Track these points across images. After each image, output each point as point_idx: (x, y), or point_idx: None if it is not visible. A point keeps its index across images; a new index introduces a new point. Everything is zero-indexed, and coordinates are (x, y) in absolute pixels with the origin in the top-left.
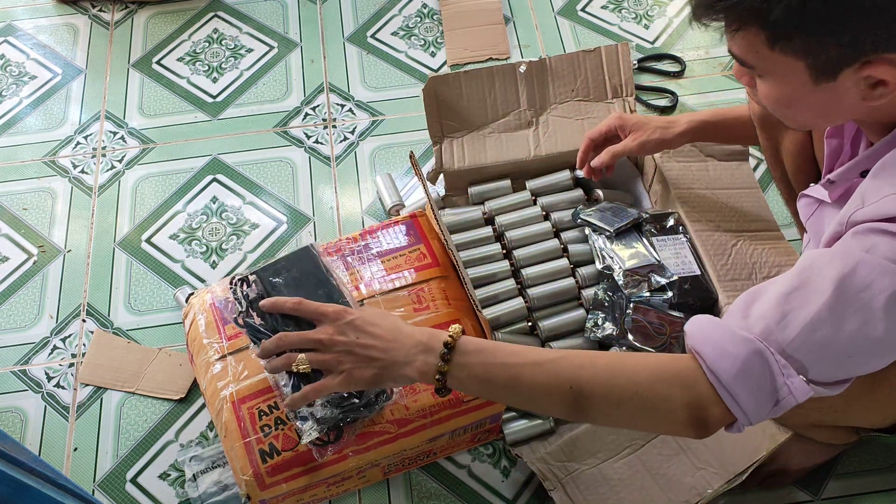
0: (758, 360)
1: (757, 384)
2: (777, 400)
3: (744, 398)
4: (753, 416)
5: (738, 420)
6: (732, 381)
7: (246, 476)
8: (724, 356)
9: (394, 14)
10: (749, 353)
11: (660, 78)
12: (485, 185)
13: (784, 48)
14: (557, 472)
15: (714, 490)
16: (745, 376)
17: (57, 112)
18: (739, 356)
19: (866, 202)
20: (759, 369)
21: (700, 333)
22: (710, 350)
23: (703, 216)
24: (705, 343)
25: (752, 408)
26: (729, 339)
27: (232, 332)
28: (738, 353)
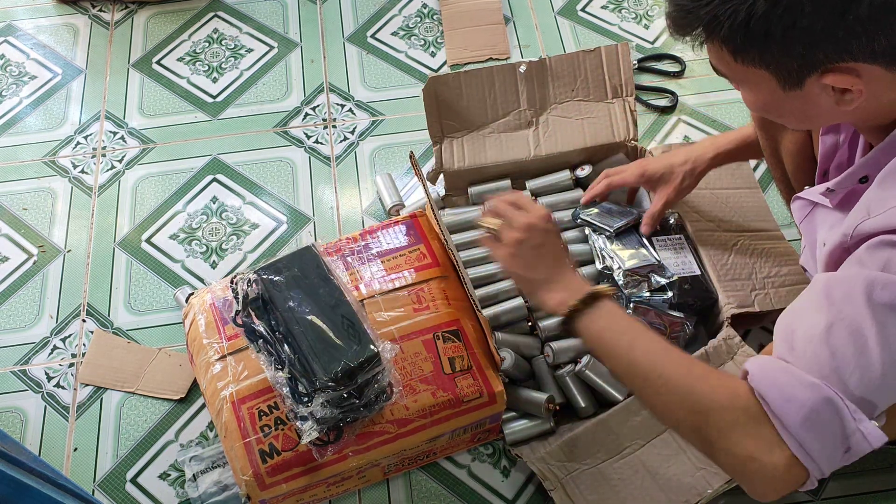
0: (827, 407)
1: (828, 433)
2: (848, 447)
3: (814, 447)
4: (824, 463)
5: (809, 469)
6: (799, 427)
7: (246, 476)
8: (789, 401)
9: (394, 14)
10: (818, 400)
11: (660, 78)
12: (485, 185)
13: (745, 61)
14: (557, 472)
15: (714, 490)
16: (813, 424)
17: (57, 112)
18: (806, 402)
19: (872, 213)
20: (830, 416)
21: (764, 372)
22: (774, 393)
23: (703, 216)
24: (770, 386)
25: (822, 455)
26: (795, 383)
27: (232, 332)
28: (804, 398)
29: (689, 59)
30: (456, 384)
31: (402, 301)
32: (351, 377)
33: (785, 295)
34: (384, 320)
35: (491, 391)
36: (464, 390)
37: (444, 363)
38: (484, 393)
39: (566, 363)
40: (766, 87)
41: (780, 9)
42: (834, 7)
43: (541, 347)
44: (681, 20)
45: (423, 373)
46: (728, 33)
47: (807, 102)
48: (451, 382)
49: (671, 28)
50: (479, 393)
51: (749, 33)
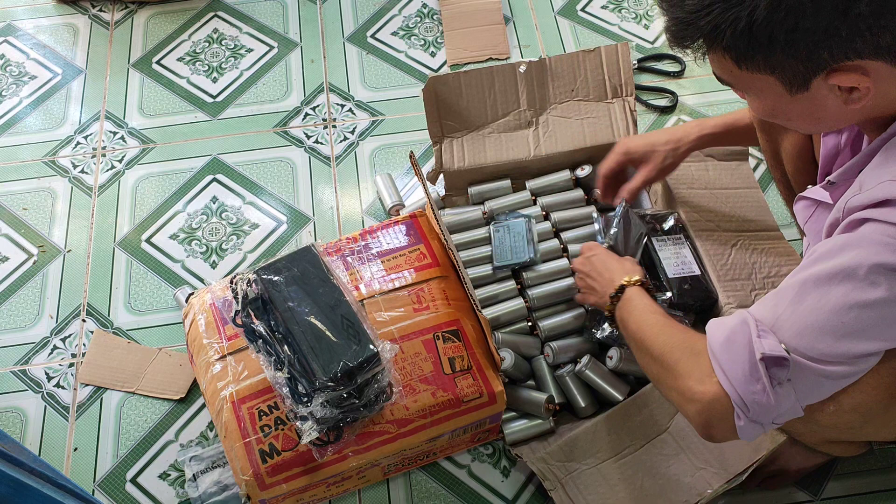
0: (742, 327)
1: (738, 349)
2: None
3: (728, 364)
4: (740, 384)
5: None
6: (719, 347)
7: (246, 476)
8: (719, 326)
9: (394, 14)
10: (737, 322)
11: (660, 78)
12: (485, 185)
13: (749, 67)
14: (557, 472)
15: (714, 490)
16: (730, 343)
17: (57, 112)
18: (728, 325)
19: (864, 188)
20: (742, 335)
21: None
22: (712, 324)
23: (702, 216)
24: (713, 321)
25: (736, 373)
26: (731, 315)
27: (232, 332)
28: (729, 322)
29: (689, 59)
30: (456, 384)
31: (402, 301)
32: (350, 377)
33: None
34: (384, 320)
35: (491, 391)
36: (464, 390)
37: (444, 363)
38: (484, 393)
39: (566, 363)
40: (773, 93)
41: (781, 12)
42: (836, 6)
43: (541, 347)
44: (681, 32)
45: (423, 373)
46: (730, 41)
47: (814, 104)
48: (451, 382)
49: (671, 41)
50: (479, 393)
51: (752, 39)
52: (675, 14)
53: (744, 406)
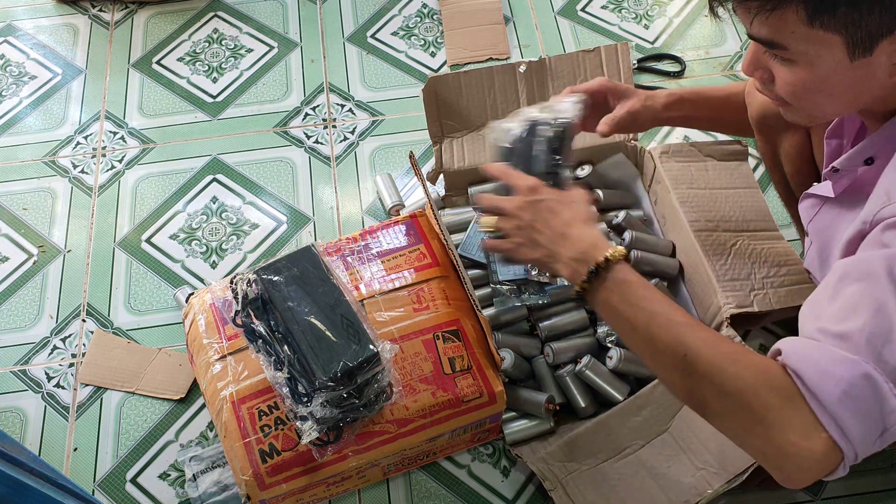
0: (865, 382)
1: (866, 409)
2: (885, 427)
3: (850, 424)
4: (860, 444)
5: (844, 452)
6: (836, 404)
7: (246, 476)
8: (826, 376)
9: (394, 14)
10: (856, 376)
11: (660, 78)
12: (485, 185)
13: (825, 23)
14: (557, 472)
15: (714, 490)
16: (851, 400)
17: (57, 112)
18: (844, 377)
19: (893, 198)
20: (868, 392)
21: (797, 350)
22: (810, 369)
23: (702, 216)
24: (806, 362)
25: (859, 434)
26: (831, 359)
27: (232, 333)
28: (841, 373)
29: (689, 59)
30: (456, 384)
31: (402, 301)
32: (350, 377)
33: (784, 295)
34: (384, 320)
35: (491, 391)
36: (464, 390)
37: (444, 363)
38: (484, 393)
39: (566, 363)
40: (832, 58)
41: None
42: None
43: (541, 347)
44: None
45: (423, 373)
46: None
47: (867, 74)
48: (451, 382)
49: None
50: (479, 393)
51: None
52: None
53: (854, 460)
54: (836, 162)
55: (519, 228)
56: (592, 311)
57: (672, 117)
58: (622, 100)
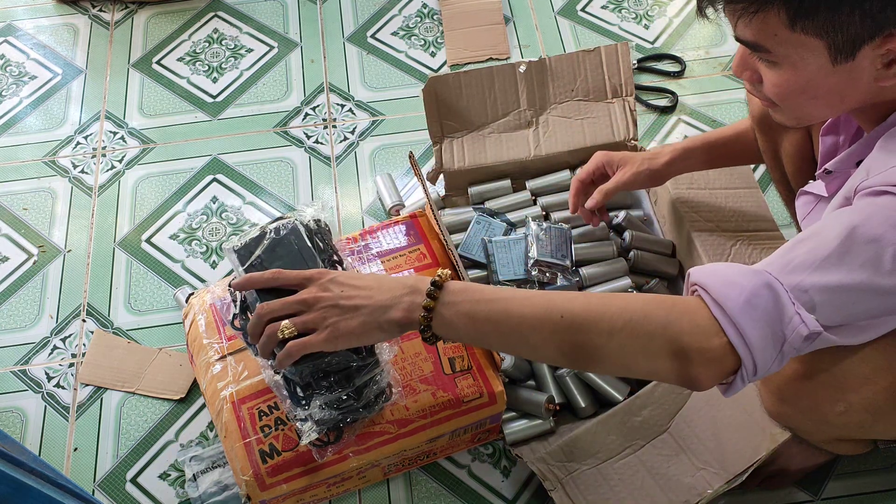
0: (767, 291)
1: (764, 316)
2: (784, 338)
3: (750, 330)
4: (759, 355)
5: (743, 360)
6: (739, 311)
7: (246, 476)
8: (731, 285)
9: (394, 14)
10: (759, 284)
11: (660, 78)
12: (485, 185)
13: (806, 27)
14: (557, 472)
15: (714, 490)
16: (752, 307)
17: (57, 112)
18: (747, 286)
19: (871, 173)
20: (768, 300)
21: (704, 269)
22: (716, 281)
23: (702, 216)
24: (710, 275)
25: (759, 344)
26: (737, 271)
27: (232, 333)
28: (746, 283)
29: (689, 59)
30: (456, 384)
31: None
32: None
33: None
34: None
35: (491, 391)
36: (464, 390)
37: (444, 363)
38: (484, 393)
39: None
40: (814, 61)
41: None
42: None
43: None
44: None
45: (423, 373)
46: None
47: (850, 77)
48: (451, 382)
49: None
50: (479, 393)
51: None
52: None
53: (753, 371)
54: (829, 164)
55: (331, 308)
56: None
57: (678, 171)
58: (622, 167)
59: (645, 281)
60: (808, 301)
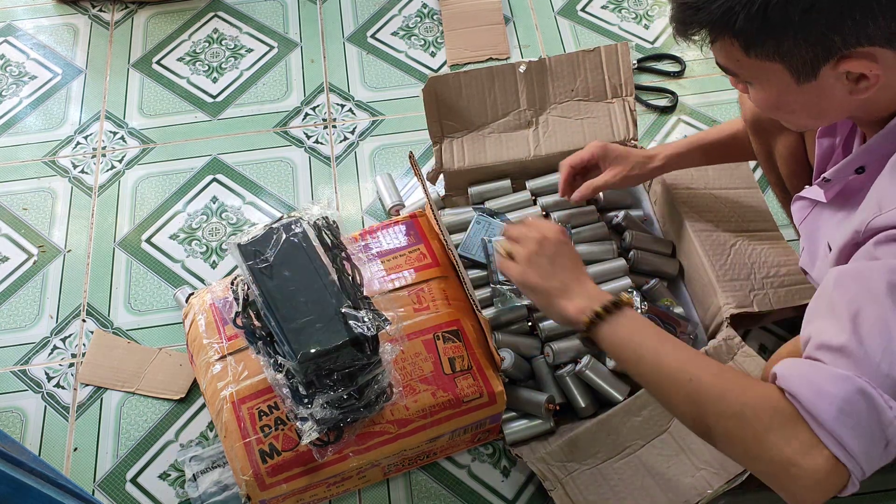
0: (859, 398)
1: (863, 425)
2: (887, 440)
3: (850, 441)
4: (863, 458)
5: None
6: (833, 421)
7: (246, 476)
8: (820, 395)
9: (394, 14)
10: (850, 392)
11: (660, 78)
12: (485, 185)
13: (759, 54)
14: (557, 472)
15: (714, 490)
16: (847, 416)
17: (57, 112)
18: (837, 395)
19: (884, 208)
20: (862, 407)
21: (792, 372)
22: (804, 388)
23: (702, 216)
24: (800, 383)
25: (859, 449)
26: (825, 377)
27: (232, 333)
28: (835, 391)
29: (689, 59)
30: (456, 384)
31: (403, 301)
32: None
33: (784, 295)
34: None
35: (491, 391)
36: (464, 390)
37: (445, 363)
38: (484, 393)
39: (566, 363)
40: (779, 82)
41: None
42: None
43: (541, 347)
44: (689, 18)
45: (423, 373)
46: (743, 24)
47: (821, 94)
48: (451, 382)
49: (678, 27)
50: (479, 393)
51: (766, 22)
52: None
53: (863, 475)
54: (828, 172)
55: (534, 255)
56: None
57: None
58: (614, 166)
59: (645, 281)
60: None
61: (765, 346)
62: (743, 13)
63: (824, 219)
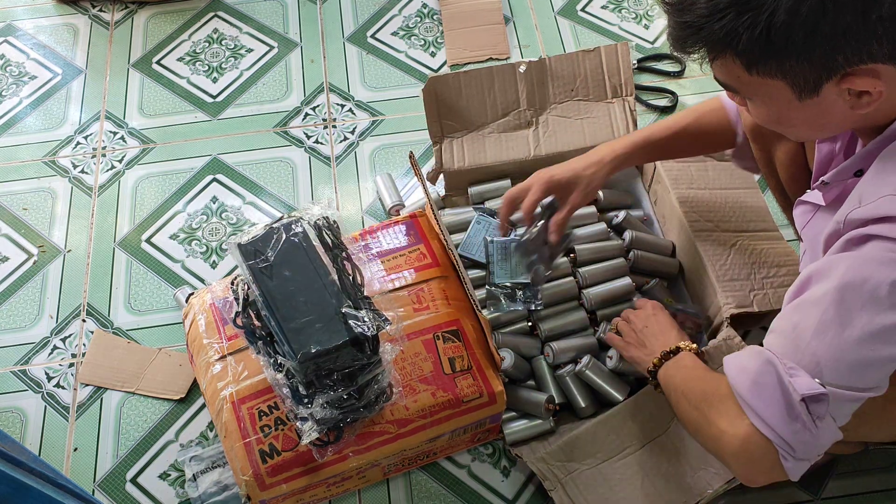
0: (767, 368)
1: (770, 392)
2: (790, 403)
3: (761, 408)
4: (778, 425)
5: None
6: (747, 392)
7: (246, 476)
8: (741, 371)
9: (394, 14)
10: (760, 364)
11: (660, 78)
12: (485, 185)
13: (761, 71)
14: (557, 472)
15: (714, 490)
16: (758, 386)
17: (57, 112)
18: (750, 367)
19: (863, 202)
20: (770, 377)
21: (730, 359)
22: (731, 368)
23: (702, 216)
24: (730, 363)
25: (771, 416)
26: (747, 354)
27: (232, 333)
28: (751, 365)
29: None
30: (456, 384)
31: (403, 301)
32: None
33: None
34: None
35: (491, 391)
36: (464, 390)
37: (444, 363)
38: (484, 393)
39: (566, 363)
40: (781, 98)
41: (801, 15)
42: (856, 8)
43: (541, 347)
44: (690, 37)
45: (423, 373)
46: (746, 45)
47: (822, 110)
48: (451, 382)
49: (676, 46)
50: (479, 393)
51: (768, 43)
52: (683, 18)
53: (788, 447)
54: (826, 176)
55: (631, 332)
56: (592, 312)
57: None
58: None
59: (645, 281)
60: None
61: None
62: (746, 35)
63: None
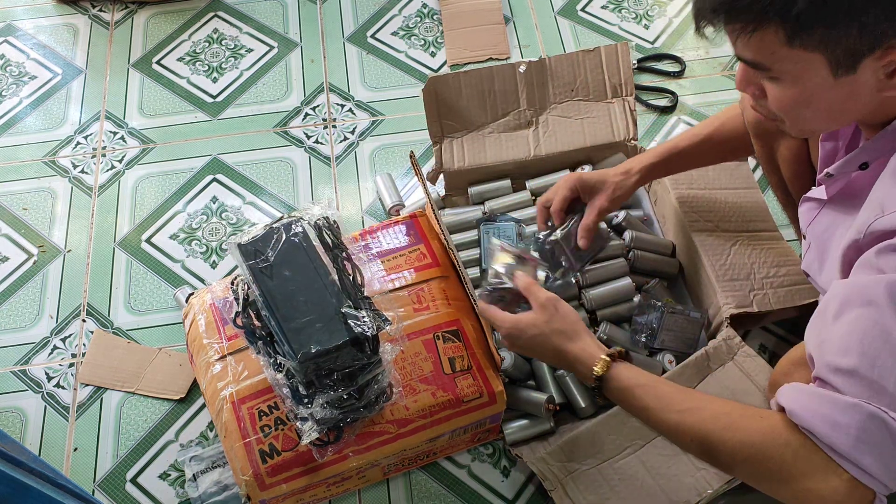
0: (872, 423)
1: (880, 448)
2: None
3: (868, 463)
4: (885, 477)
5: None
6: (852, 450)
7: (246, 476)
8: (835, 427)
9: (394, 14)
10: (862, 419)
11: (660, 78)
12: (485, 185)
13: (804, 43)
14: (557, 472)
15: (714, 490)
16: (865, 444)
17: (57, 112)
18: (851, 424)
19: (886, 209)
20: (879, 434)
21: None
22: (820, 424)
23: (701, 216)
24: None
25: (880, 470)
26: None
27: (232, 333)
28: (845, 420)
29: (689, 59)
30: (456, 384)
31: (403, 301)
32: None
33: (783, 295)
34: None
35: (491, 391)
36: (464, 390)
37: (444, 363)
38: (484, 393)
39: None
40: (815, 76)
41: None
42: None
43: None
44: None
45: (423, 373)
46: (803, 7)
47: (852, 90)
48: (451, 382)
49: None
50: (479, 393)
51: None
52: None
53: (887, 490)
54: (831, 168)
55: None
56: (592, 312)
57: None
58: (592, 195)
59: (645, 281)
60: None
61: (765, 346)
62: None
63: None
